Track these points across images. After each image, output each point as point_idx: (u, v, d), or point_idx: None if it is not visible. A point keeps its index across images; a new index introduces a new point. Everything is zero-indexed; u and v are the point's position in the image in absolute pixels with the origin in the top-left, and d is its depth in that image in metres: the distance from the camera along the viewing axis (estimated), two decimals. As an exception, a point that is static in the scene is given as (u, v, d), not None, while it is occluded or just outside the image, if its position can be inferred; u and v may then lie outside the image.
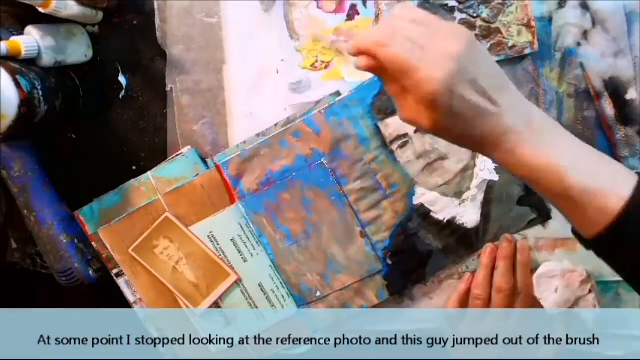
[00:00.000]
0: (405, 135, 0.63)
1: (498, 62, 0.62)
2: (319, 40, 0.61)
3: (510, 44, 0.62)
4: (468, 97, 0.41)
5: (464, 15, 0.62)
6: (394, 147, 0.64)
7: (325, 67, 0.65)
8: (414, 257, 0.66)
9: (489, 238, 0.65)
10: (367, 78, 0.64)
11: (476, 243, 0.65)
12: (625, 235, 0.41)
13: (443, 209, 0.64)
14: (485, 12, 0.62)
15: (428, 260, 0.66)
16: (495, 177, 0.63)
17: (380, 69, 0.43)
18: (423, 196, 0.64)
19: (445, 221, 0.65)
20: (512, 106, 0.42)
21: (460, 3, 0.62)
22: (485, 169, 0.63)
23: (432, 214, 0.65)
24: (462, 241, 0.65)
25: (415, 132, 0.63)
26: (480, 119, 0.42)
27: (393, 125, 0.63)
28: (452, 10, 0.62)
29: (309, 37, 0.65)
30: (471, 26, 0.62)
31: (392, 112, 0.63)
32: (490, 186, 0.64)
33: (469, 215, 0.64)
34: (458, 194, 0.64)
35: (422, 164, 0.64)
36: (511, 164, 0.43)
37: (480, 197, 0.64)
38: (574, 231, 0.45)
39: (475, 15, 0.62)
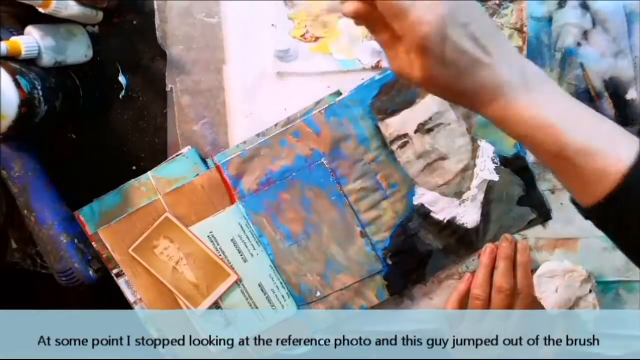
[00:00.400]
0: (405, 135, 0.63)
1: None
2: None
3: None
4: (460, 43, 0.38)
5: None
6: (394, 147, 0.64)
7: (315, 40, 0.65)
8: (414, 257, 0.66)
9: (489, 238, 0.65)
10: (353, 56, 0.64)
11: (476, 243, 0.65)
12: (627, 201, 0.38)
13: (443, 209, 0.64)
14: None
15: (428, 260, 0.66)
16: (496, 177, 0.63)
17: (368, 16, 0.41)
18: (423, 196, 0.64)
19: (445, 221, 0.65)
20: (506, 57, 0.40)
21: None
22: (485, 169, 0.63)
23: (432, 214, 0.65)
24: (462, 241, 0.65)
25: (415, 132, 0.63)
26: (473, 69, 0.39)
27: (393, 126, 0.63)
28: None
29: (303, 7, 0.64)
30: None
31: (392, 112, 0.63)
32: (490, 186, 0.64)
33: (469, 215, 0.64)
34: (458, 194, 0.64)
35: (422, 164, 0.64)
36: (505, 121, 0.40)
37: (480, 197, 0.64)
38: (572, 200, 0.43)
39: None
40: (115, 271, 0.69)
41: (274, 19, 0.65)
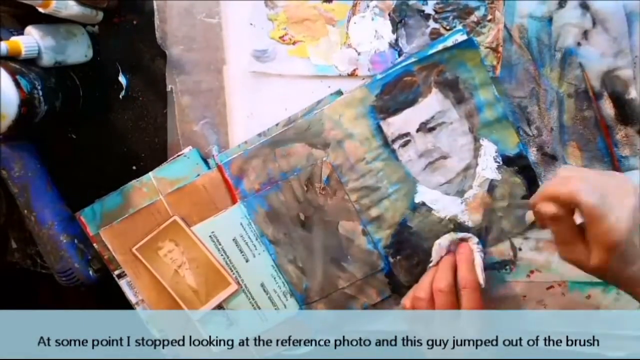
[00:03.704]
0: (407, 134, 0.63)
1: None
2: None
3: (474, 64, 0.62)
4: (637, 243, 0.46)
5: (437, 25, 0.62)
6: (396, 146, 0.64)
7: (294, 43, 0.65)
8: (416, 255, 0.66)
9: (491, 237, 0.65)
10: (331, 62, 0.64)
11: (478, 242, 0.65)
12: None
13: (444, 207, 0.64)
14: (458, 27, 0.62)
15: (429, 259, 0.66)
16: (498, 177, 0.63)
17: (560, 219, 0.48)
18: (424, 195, 0.64)
19: (446, 220, 0.65)
20: None
21: (437, 12, 0.62)
22: (487, 168, 0.63)
23: (433, 212, 0.65)
24: (463, 240, 0.65)
25: (417, 131, 0.63)
26: (635, 259, 0.46)
27: (395, 124, 0.63)
28: (427, 17, 0.62)
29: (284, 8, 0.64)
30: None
31: (394, 111, 0.63)
32: (492, 185, 0.64)
33: (470, 214, 0.64)
34: (460, 193, 0.64)
35: (424, 163, 0.64)
36: None
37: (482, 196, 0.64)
38: None
39: (448, 27, 0.62)
40: (117, 272, 0.69)
41: (252, 18, 0.65)
